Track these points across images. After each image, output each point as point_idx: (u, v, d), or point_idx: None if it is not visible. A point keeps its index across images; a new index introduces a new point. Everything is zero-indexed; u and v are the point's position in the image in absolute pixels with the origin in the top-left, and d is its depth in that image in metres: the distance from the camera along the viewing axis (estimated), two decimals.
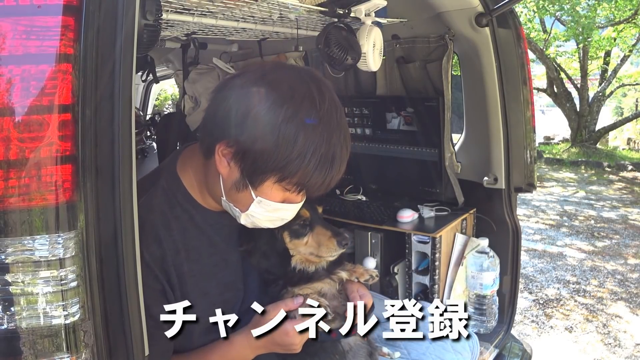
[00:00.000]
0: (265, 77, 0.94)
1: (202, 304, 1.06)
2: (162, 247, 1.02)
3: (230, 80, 1.00)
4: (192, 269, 1.06)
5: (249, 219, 1.03)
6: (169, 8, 1.31)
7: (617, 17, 9.08)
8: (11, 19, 0.68)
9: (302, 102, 0.92)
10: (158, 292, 1.02)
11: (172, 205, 1.07)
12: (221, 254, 1.12)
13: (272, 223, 1.06)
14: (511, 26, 1.85)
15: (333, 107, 0.97)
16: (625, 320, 3.36)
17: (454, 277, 1.87)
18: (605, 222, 5.59)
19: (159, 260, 1.02)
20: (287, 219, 1.06)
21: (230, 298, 1.13)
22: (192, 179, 1.09)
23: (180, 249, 1.05)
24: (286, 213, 1.04)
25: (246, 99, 0.93)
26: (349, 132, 1.02)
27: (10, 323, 0.70)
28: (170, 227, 1.05)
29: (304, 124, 0.91)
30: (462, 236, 1.92)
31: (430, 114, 1.94)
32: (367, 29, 1.64)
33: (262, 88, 0.92)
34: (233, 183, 0.99)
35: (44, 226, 0.70)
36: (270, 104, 0.91)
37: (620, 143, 12.01)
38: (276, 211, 1.02)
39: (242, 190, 0.99)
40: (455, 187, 2.01)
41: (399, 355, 1.51)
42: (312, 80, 0.96)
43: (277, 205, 1.01)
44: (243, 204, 1.01)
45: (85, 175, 0.72)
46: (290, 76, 0.96)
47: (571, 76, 10.61)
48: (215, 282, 1.10)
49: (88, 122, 0.72)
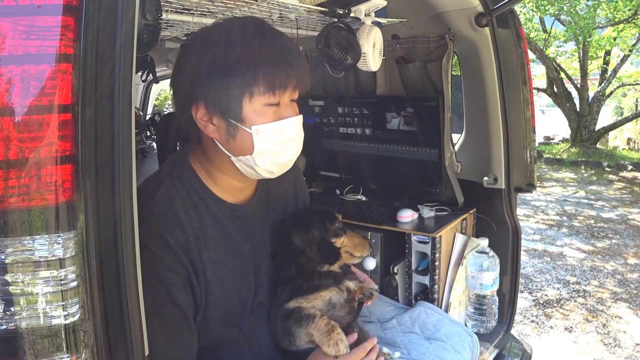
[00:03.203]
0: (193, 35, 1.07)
1: (219, 292, 1.08)
2: (185, 232, 1.04)
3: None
4: (210, 257, 1.08)
5: (264, 159, 1.03)
6: (169, 8, 1.31)
7: (616, 17, 9.09)
8: (11, 19, 0.68)
9: (235, 29, 1.01)
10: (184, 278, 1.03)
11: (189, 193, 1.09)
12: (235, 244, 1.13)
13: (287, 150, 1.06)
14: (511, 26, 1.85)
15: (259, 26, 1.03)
16: (625, 321, 3.37)
17: (454, 277, 1.87)
18: (605, 222, 5.59)
19: (184, 245, 1.03)
20: (297, 137, 1.07)
21: (242, 287, 1.14)
22: (202, 169, 1.11)
23: (199, 235, 1.06)
24: (290, 131, 1.05)
25: (185, 58, 1.04)
26: (285, 35, 1.06)
27: (10, 323, 0.70)
28: (190, 214, 1.06)
29: (244, 41, 0.99)
30: (462, 236, 1.92)
31: (430, 114, 1.94)
32: (367, 29, 1.64)
33: (197, 47, 1.03)
34: (226, 134, 1.01)
35: (44, 226, 0.70)
36: (200, 50, 1.01)
37: (620, 143, 12.01)
38: (279, 133, 1.02)
39: (237, 134, 1.01)
40: (455, 187, 2.01)
41: (399, 355, 1.51)
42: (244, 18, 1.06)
43: (275, 126, 1.01)
44: (248, 147, 1.01)
45: (85, 175, 0.72)
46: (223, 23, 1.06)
47: (571, 76, 10.61)
48: (230, 270, 1.11)
49: (88, 122, 0.72)
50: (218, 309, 1.09)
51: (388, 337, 1.62)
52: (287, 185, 1.32)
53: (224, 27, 1.03)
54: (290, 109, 1.05)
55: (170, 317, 1.00)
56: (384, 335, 1.63)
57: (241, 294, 1.14)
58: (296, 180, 1.36)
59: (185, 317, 1.02)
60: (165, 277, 0.99)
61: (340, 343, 1.06)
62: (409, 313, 1.76)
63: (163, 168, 1.16)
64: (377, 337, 1.32)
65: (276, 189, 1.26)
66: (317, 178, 2.49)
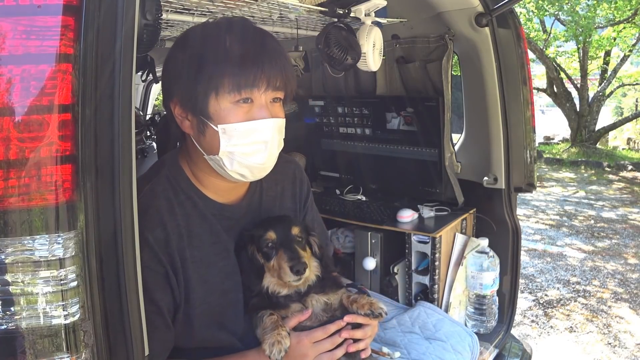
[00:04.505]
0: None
1: (201, 291, 1.08)
2: (166, 230, 1.04)
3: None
4: (194, 255, 1.07)
5: (232, 160, 1.01)
6: (169, 8, 1.32)
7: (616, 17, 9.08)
8: (11, 19, 0.68)
9: (211, 28, 1.02)
10: (161, 275, 1.03)
11: (176, 192, 1.09)
12: (223, 243, 1.13)
13: (257, 154, 1.02)
14: (511, 26, 1.85)
15: (239, 24, 1.03)
16: (625, 320, 3.36)
17: (454, 277, 1.87)
18: (605, 222, 5.59)
19: (163, 243, 1.03)
20: (267, 139, 1.02)
21: (230, 287, 1.13)
22: (189, 169, 1.12)
23: (183, 234, 1.06)
24: (261, 134, 1.01)
25: (168, 55, 1.06)
26: (269, 35, 1.07)
27: (10, 323, 0.70)
28: (175, 213, 1.06)
29: (216, 39, 0.99)
30: (462, 236, 1.92)
31: (430, 114, 1.94)
32: (367, 29, 1.64)
33: (177, 46, 1.05)
34: (197, 131, 1.02)
35: (44, 226, 0.70)
36: (178, 49, 1.03)
37: (620, 143, 12.02)
38: (249, 134, 1.00)
39: (206, 132, 1.00)
40: (455, 187, 2.01)
41: (399, 355, 1.51)
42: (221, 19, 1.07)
43: (243, 126, 0.99)
44: (216, 145, 1.00)
45: (85, 175, 0.72)
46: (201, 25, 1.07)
47: (571, 76, 10.62)
48: (217, 270, 1.11)
49: (88, 122, 0.72)
50: (201, 307, 1.08)
51: (388, 337, 1.62)
52: (285, 185, 1.29)
53: (204, 26, 1.04)
54: (264, 110, 1.00)
55: (146, 312, 1.00)
56: (384, 335, 1.63)
57: (229, 295, 1.12)
58: (295, 181, 1.32)
59: (161, 314, 1.02)
60: (142, 275, 0.99)
61: (277, 345, 1.02)
62: (409, 313, 1.76)
63: (152, 167, 1.16)
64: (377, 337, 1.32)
65: (271, 190, 1.24)
66: (317, 178, 2.49)
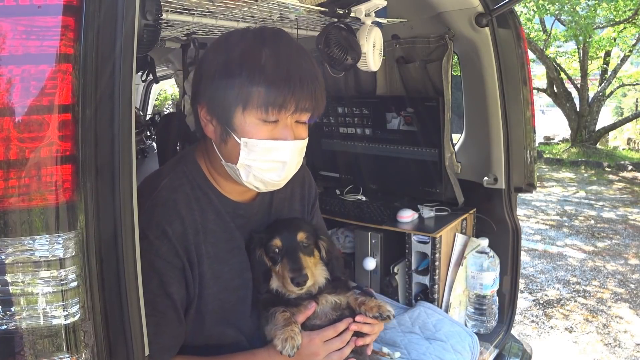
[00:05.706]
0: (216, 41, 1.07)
1: (215, 287, 1.09)
2: (184, 224, 1.05)
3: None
4: (209, 251, 1.08)
5: (248, 173, 1.03)
6: (169, 8, 1.32)
7: (616, 17, 9.08)
8: (11, 19, 0.68)
9: (250, 39, 1.02)
10: (178, 269, 1.03)
11: (193, 187, 1.10)
12: (236, 240, 1.14)
13: (273, 171, 1.04)
14: (511, 26, 1.85)
15: (279, 39, 1.03)
16: (625, 321, 3.36)
17: (454, 277, 1.86)
18: (606, 222, 5.59)
19: (181, 237, 1.04)
20: (286, 160, 1.03)
21: (240, 285, 1.14)
22: (206, 166, 1.13)
23: (199, 229, 1.07)
24: (280, 154, 1.02)
25: (203, 56, 1.09)
26: (305, 54, 1.05)
27: (10, 323, 0.70)
28: (192, 208, 1.07)
29: (252, 52, 0.99)
30: (462, 236, 1.92)
31: (430, 114, 1.94)
32: (367, 29, 1.64)
33: (214, 49, 1.06)
34: (220, 138, 1.03)
35: (44, 226, 0.70)
36: (215, 52, 1.04)
37: (620, 143, 12.01)
38: (268, 152, 1.01)
39: (228, 141, 1.02)
40: (455, 187, 2.01)
41: (399, 355, 1.51)
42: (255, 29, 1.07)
43: (265, 144, 1.00)
44: (235, 156, 1.02)
45: (85, 175, 0.72)
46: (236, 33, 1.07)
47: (571, 76, 10.62)
48: (229, 267, 1.12)
49: (88, 122, 0.72)
50: (213, 304, 1.09)
51: (388, 337, 1.62)
52: (294, 187, 1.31)
53: (243, 34, 1.03)
54: (288, 131, 1.01)
55: (161, 306, 1.00)
56: (384, 335, 1.63)
57: (239, 292, 1.14)
58: (304, 184, 1.36)
59: (175, 308, 1.03)
60: (159, 267, 1.00)
61: (290, 340, 1.02)
62: (409, 313, 1.76)
63: (168, 163, 1.17)
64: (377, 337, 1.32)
65: (281, 192, 1.26)
66: (317, 178, 2.49)
